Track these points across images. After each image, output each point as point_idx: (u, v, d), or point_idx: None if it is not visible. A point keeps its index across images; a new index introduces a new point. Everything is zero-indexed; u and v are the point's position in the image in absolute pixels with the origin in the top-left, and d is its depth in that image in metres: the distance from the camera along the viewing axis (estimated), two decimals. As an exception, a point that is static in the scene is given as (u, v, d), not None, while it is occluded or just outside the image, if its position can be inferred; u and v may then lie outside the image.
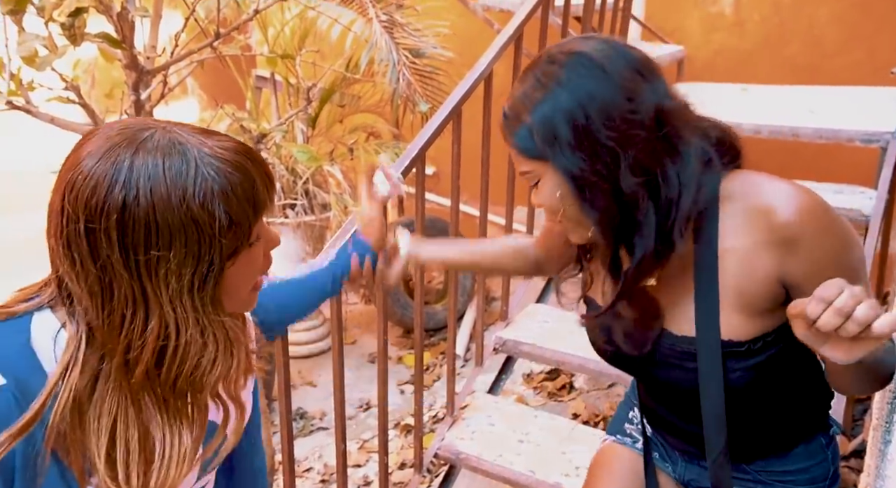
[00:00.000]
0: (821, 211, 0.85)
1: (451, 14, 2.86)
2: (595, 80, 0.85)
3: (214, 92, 3.32)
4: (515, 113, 0.89)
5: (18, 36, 1.37)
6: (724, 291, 0.89)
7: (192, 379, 0.71)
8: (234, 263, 0.72)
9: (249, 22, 1.77)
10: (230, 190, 0.68)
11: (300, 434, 2.86)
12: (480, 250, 1.32)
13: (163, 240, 0.66)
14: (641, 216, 0.86)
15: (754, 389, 0.93)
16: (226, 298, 0.73)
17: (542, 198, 0.91)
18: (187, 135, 0.69)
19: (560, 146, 0.85)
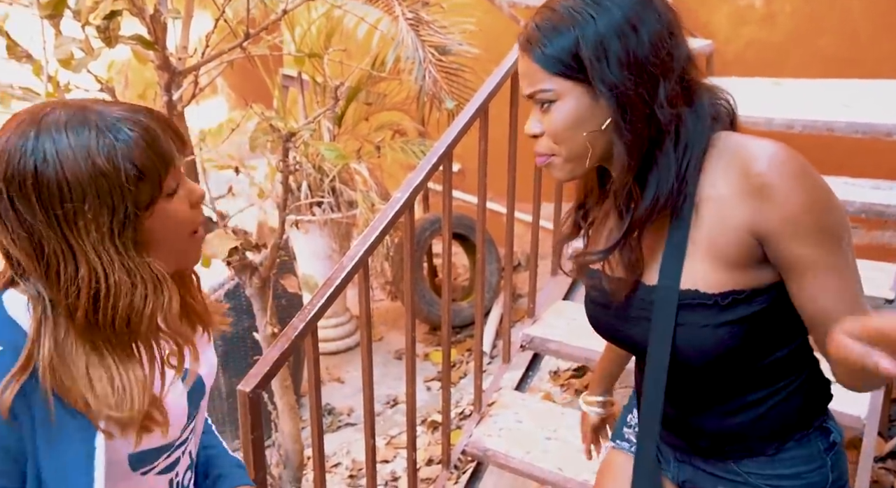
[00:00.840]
0: (798, 166, 0.85)
1: (476, 10, 2.85)
2: (645, 6, 0.87)
3: (243, 91, 3.36)
4: (554, 25, 0.88)
5: (55, 39, 1.40)
6: (698, 240, 0.90)
7: (129, 317, 0.79)
8: (153, 213, 0.79)
9: (277, 22, 1.79)
10: (133, 143, 0.76)
11: (328, 430, 2.89)
12: (618, 352, 1.27)
13: (76, 194, 0.74)
14: (661, 153, 0.88)
15: (727, 355, 0.90)
16: (158, 248, 0.81)
17: (553, 121, 0.89)
18: (88, 104, 0.78)
19: (609, 62, 0.85)
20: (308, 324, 1.38)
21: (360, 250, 1.50)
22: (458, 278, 3.97)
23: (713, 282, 0.89)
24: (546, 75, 0.88)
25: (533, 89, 0.90)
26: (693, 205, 0.89)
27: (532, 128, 0.93)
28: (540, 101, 0.90)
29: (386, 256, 3.10)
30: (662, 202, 0.89)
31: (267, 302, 2.01)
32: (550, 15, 0.89)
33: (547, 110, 0.90)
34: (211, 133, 2.94)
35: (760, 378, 0.96)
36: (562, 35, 0.87)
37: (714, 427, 1.00)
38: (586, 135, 0.89)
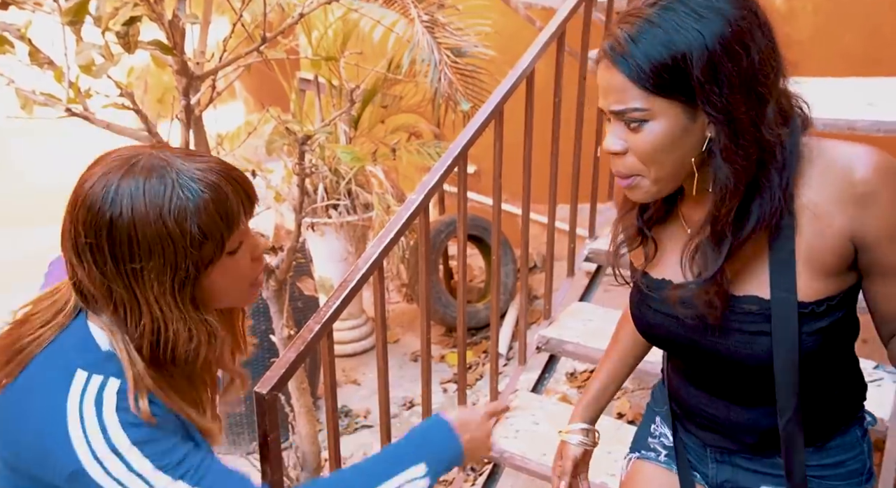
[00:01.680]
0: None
1: (492, 12, 2.85)
2: (749, 18, 0.81)
3: (260, 95, 3.39)
4: (654, 37, 0.80)
5: (76, 45, 1.42)
6: (797, 249, 0.87)
7: (188, 360, 0.86)
8: (214, 269, 0.84)
9: (294, 26, 1.80)
10: (202, 207, 0.80)
11: (345, 432, 2.89)
12: (618, 369, 1.23)
13: (143, 252, 0.80)
14: (764, 177, 0.84)
15: (810, 359, 0.90)
16: (217, 298, 0.87)
17: (645, 141, 0.83)
18: (171, 157, 0.82)
19: (720, 84, 0.79)
20: (324, 325, 1.39)
21: (375, 252, 1.51)
22: (473, 280, 3.97)
23: (810, 291, 0.88)
24: (641, 92, 0.81)
25: (623, 107, 0.83)
26: (795, 215, 0.86)
27: (613, 146, 0.86)
28: (628, 119, 0.84)
29: (402, 258, 3.10)
30: (765, 224, 0.86)
31: (283, 304, 2.02)
32: (646, 26, 0.81)
33: (637, 129, 0.83)
34: (229, 137, 2.97)
35: (823, 375, 0.95)
36: (664, 49, 0.79)
37: (767, 424, 0.98)
38: (680, 156, 0.84)
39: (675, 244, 0.97)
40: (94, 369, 0.82)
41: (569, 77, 2.01)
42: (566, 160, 2.09)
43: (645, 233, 0.99)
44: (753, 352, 0.91)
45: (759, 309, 0.90)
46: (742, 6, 0.82)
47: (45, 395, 0.81)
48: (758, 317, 0.90)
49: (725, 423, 1.02)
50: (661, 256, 0.98)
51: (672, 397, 1.12)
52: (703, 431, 1.07)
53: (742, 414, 1.00)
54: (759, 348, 0.90)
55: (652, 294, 0.99)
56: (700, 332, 0.95)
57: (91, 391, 0.81)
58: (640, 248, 1.01)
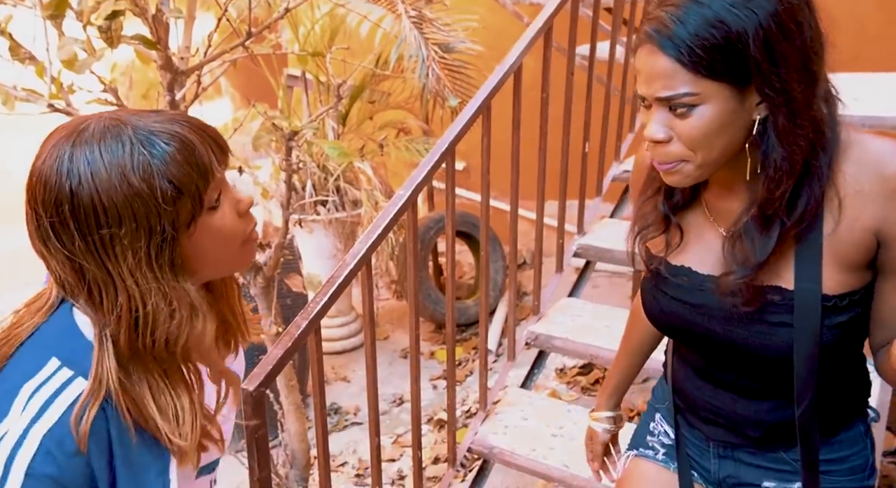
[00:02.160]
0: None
1: (480, 8, 2.85)
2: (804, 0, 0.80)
3: (247, 91, 3.37)
4: (704, 18, 0.76)
5: (58, 40, 1.40)
6: (823, 241, 0.86)
7: (167, 344, 0.76)
8: (196, 229, 0.75)
9: (280, 21, 1.79)
10: (169, 160, 0.72)
11: (335, 429, 2.89)
12: (633, 361, 1.25)
13: (112, 219, 0.71)
14: (814, 158, 0.82)
15: (827, 352, 0.89)
16: (204, 262, 0.78)
17: (694, 126, 0.80)
18: (124, 117, 0.74)
19: (778, 64, 0.77)
20: (311, 321, 1.38)
21: (363, 248, 1.50)
22: (463, 276, 3.97)
23: (833, 283, 0.86)
24: (691, 77, 0.78)
25: (671, 93, 0.79)
26: (821, 204, 0.85)
27: (657, 134, 0.82)
28: (675, 105, 0.80)
29: (391, 255, 3.09)
30: (814, 207, 0.83)
31: (271, 301, 2.01)
32: (693, 6, 0.77)
33: (684, 115, 0.80)
34: (215, 133, 2.94)
35: (836, 369, 0.94)
36: (715, 30, 0.76)
37: (773, 418, 0.98)
38: (728, 140, 0.81)
39: (699, 232, 0.95)
40: (67, 361, 0.75)
41: (556, 72, 2.01)
42: (554, 156, 2.09)
43: (670, 219, 0.96)
44: (771, 343, 0.90)
45: (781, 299, 0.88)
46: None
47: (12, 377, 0.75)
48: (779, 307, 0.88)
49: (731, 416, 1.01)
50: (684, 244, 0.96)
51: (675, 391, 1.11)
52: (706, 425, 1.06)
53: (749, 406, 0.99)
54: (777, 339, 0.89)
55: (673, 280, 0.97)
56: (718, 321, 0.93)
57: (52, 385, 0.73)
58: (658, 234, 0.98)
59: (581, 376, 2.94)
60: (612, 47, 2.31)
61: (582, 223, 2.34)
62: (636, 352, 1.24)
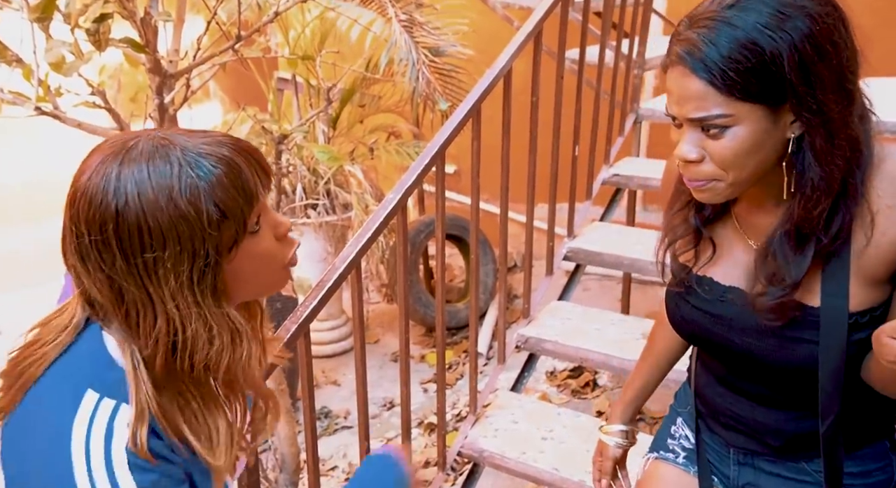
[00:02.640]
0: None
1: (470, 12, 2.86)
2: (835, 14, 0.79)
3: (237, 95, 3.36)
4: (736, 40, 0.75)
5: (46, 43, 1.40)
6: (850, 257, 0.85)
7: (207, 369, 0.75)
8: (238, 253, 0.75)
9: (270, 24, 1.79)
10: (216, 183, 0.71)
11: (325, 433, 2.88)
12: (655, 371, 1.22)
13: (156, 241, 0.70)
14: (851, 178, 0.81)
15: (850, 367, 0.88)
16: (245, 286, 0.77)
17: (727, 147, 0.79)
18: (172, 137, 0.73)
19: (815, 85, 0.76)
20: (300, 325, 1.38)
21: (352, 251, 1.50)
22: (454, 280, 3.97)
23: (857, 300, 0.86)
24: (724, 99, 0.77)
25: (704, 114, 0.79)
26: (851, 221, 0.84)
27: (690, 155, 0.82)
28: (708, 126, 0.80)
29: (381, 258, 3.09)
30: (849, 225, 0.83)
31: (261, 305, 2.00)
32: (726, 28, 0.76)
33: (717, 136, 0.80)
34: (205, 136, 2.93)
35: (857, 387, 0.93)
36: (749, 52, 0.75)
37: (794, 428, 0.97)
38: (762, 160, 0.81)
39: (728, 245, 0.95)
40: (106, 391, 0.73)
41: (546, 76, 2.02)
42: (544, 160, 2.09)
43: (701, 233, 0.96)
44: (791, 358, 0.89)
45: (802, 315, 0.88)
46: (825, 1, 0.79)
47: (52, 415, 0.73)
48: (800, 323, 0.88)
49: (751, 424, 1.01)
50: (721, 258, 0.96)
51: (698, 395, 1.11)
52: (727, 431, 1.05)
53: (769, 415, 0.99)
54: (797, 354, 0.89)
55: (697, 291, 0.97)
56: (736, 333, 0.93)
57: (101, 418, 0.72)
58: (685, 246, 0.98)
59: (571, 379, 2.95)
60: (602, 51, 2.32)
61: (572, 226, 2.35)
62: (659, 362, 1.21)
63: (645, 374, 1.22)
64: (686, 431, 1.16)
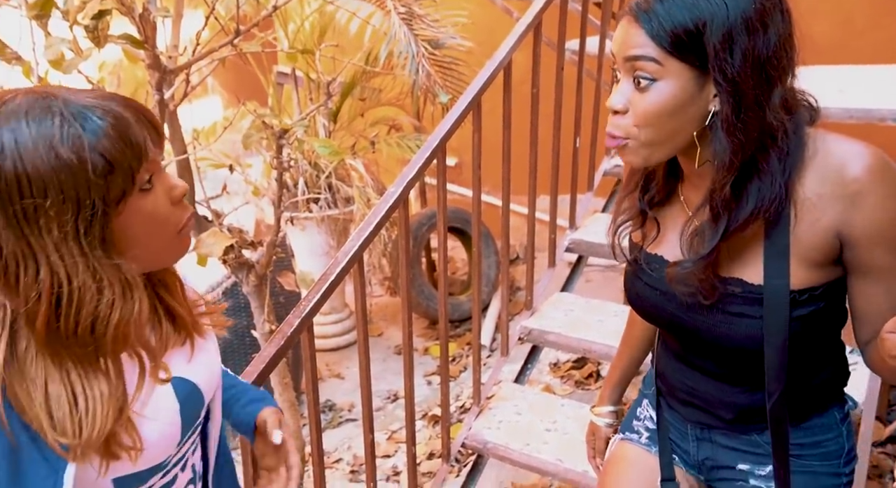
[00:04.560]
0: (890, 173, 0.86)
1: (469, 3, 2.84)
2: (778, 4, 0.84)
3: (236, 89, 3.35)
4: (679, 0, 0.82)
5: (45, 40, 1.39)
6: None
7: (94, 325, 0.72)
8: (125, 209, 0.73)
9: (269, 18, 1.78)
10: (101, 134, 0.70)
11: (329, 426, 2.89)
12: (634, 353, 1.28)
13: (36, 189, 0.68)
14: (764, 162, 0.86)
15: (794, 343, 0.92)
16: (134, 248, 0.75)
17: (650, 101, 0.84)
18: (54, 90, 0.72)
19: (734, 54, 0.81)
20: (304, 319, 1.38)
21: (354, 245, 1.50)
22: (456, 272, 3.98)
23: (796, 280, 0.90)
24: (658, 49, 0.83)
25: (636, 52, 0.84)
26: (791, 206, 0.88)
27: (616, 103, 0.87)
28: (639, 75, 0.85)
29: (383, 252, 3.10)
30: (763, 211, 0.87)
31: (264, 299, 2.01)
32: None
33: (644, 88, 0.85)
34: (205, 132, 2.93)
35: (803, 359, 0.97)
36: (686, 11, 0.82)
37: (744, 401, 1.01)
38: (678, 124, 0.86)
39: (674, 224, 0.99)
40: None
41: (546, 67, 2.01)
42: (546, 151, 2.09)
43: (646, 213, 1.01)
44: (733, 333, 0.94)
45: (742, 291, 0.92)
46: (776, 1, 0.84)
47: None
48: (739, 299, 0.92)
49: (705, 398, 1.05)
50: (660, 235, 1.01)
51: (658, 374, 1.15)
52: (684, 407, 1.10)
53: (720, 389, 1.03)
54: (738, 329, 0.93)
55: (646, 269, 1.02)
56: (684, 309, 0.97)
57: None
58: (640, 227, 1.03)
59: (575, 370, 2.96)
60: (602, 41, 2.32)
61: (574, 218, 2.34)
62: (637, 344, 1.27)
63: (626, 356, 1.28)
64: (650, 412, 1.19)
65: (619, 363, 1.29)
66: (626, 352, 1.28)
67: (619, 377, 1.29)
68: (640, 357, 1.28)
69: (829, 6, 2.80)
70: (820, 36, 2.53)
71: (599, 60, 2.33)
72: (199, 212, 1.95)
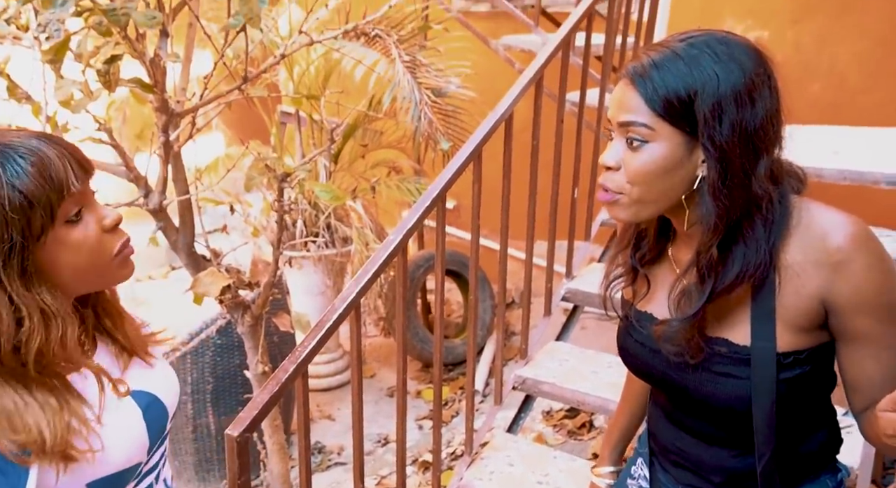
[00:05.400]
0: (873, 242, 0.89)
1: (472, 54, 2.91)
2: (767, 81, 0.88)
3: (239, 127, 3.40)
4: (675, 67, 0.86)
5: (56, 81, 1.42)
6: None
7: (17, 351, 0.77)
8: (49, 240, 0.78)
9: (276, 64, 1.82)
10: (20, 172, 0.75)
11: (318, 469, 2.85)
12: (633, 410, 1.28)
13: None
14: (749, 228, 0.89)
15: (782, 405, 0.94)
16: (65, 273, 0.80)
17: (641, 161, 0.88)
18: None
19: (721, 123, 0.85)
20: (298, 366, 1.38)
21: (352, 292, 1.51)
22: (451, 315, 3.96)
23: (781, 343, 0.92)
24: (650, 113, 0.87)
25: (631, 118, 0.88)
26: (777, 272, 0.91)
27: (609, 160, 0.91)
28: (632, 137, 0.89)
29: (379, 293, 3.09)
30: (749, 276, 0.90)
31: (258, 340, 2.00)
32: (670, 56, 0.87)
33: (636, 148, 0.89)
34: (207, 169, 2.96)
35: (792, 423, 0.97)
36: (679, 80, 0.86)
37: (734, 465, 1.01)
38: (667, 185, 0.89)
39: (664, 283, 1.01)
40: None
41: (547, 116, 2.05)
42: (544, 199, 2.11)
43: (637, 271, 1.04)
44: (719, 393, 0.95)
45: (727, 352, 0.94)
46: (760, 64, 0.88)
47: None
48: (725, 359, 0.94)
49: (695, 460, 1.05)
50: (650, 293, 1.04)
51: (650, 434, 1.15)
52: (675, 468, 1.10)
53: (710, 452, 1.03)
54: (724, 389, 0.95)
55: (636, 326, 1.04)
56: (672, 367, 0.99)
57: None
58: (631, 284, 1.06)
59: (567, 419, 2.93)
60: (602, 94, 2.36)
61: (571, 267, 2.36)
62: (635, 400, 1.26)
63: (626, 414, 1.28)
64: (644, 471, 1.19)
65: (618, 421, 1.28)
66: (626, 409, 1.28)
67: (619, 436, 1.28)
68: (639, 413, 1.27)
69: (822, 68, 2.87)
70: (814, 96, 2.60)
71: (599, 112, 2.38)
72: (197, 251, 1.95)
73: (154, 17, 1.34)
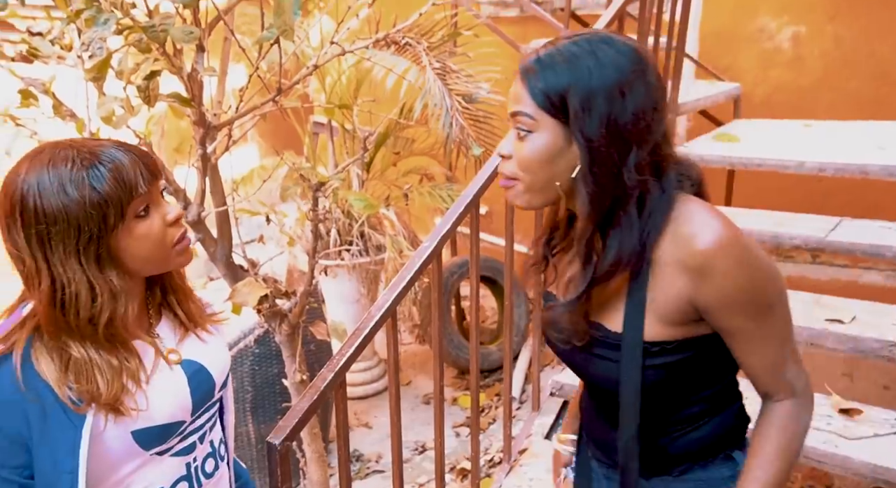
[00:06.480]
0: (738, 247, 0.92)
1: (502, 59, 2.90)
2: (641, 79, 0.92)
3: (273, 138, 3.45)
4: (554, 63, 0.93)
5: (98, 98, 1.46)
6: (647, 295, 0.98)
7: (92, 320, 0.95)
8: (121, 232, 0.95)
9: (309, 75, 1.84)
10: (100, 176, 0.93)
11: (356, 477, 2.86)
12: None
13: (48, 218, 0.92)
14: (624, 214, 0.94)
15: (650, 392, 1.00)
16: (132, 259, 0.98)
17: (526, 149, 0.95)
18: (76, 142, 0.96)
19: (591, 116, 0.91)
20: (337, 374, 1.39)
21: (388, 299, 1.51)
22: (486, 321, 3.95)
23: (649, 332, 0.98)
24: (533, 105, 0.94)
25: (517, 108, 0.95)
26: (650, 265, 0.96)
27: (502, 149, 0.99)
28: (519, 127, 0.95)
29: (414, 300, 3.10)
30: (624, 263, 0.95)
31: (296, 348, 2.01)
32: (554, 53, 0.94)
33: (523, 138, 0.95)
34: (243, 180, 3.00)
35: (684, 409, 1.04)
36: (557, 76, 0.92)
37: (647, 446, 1.05)
38: (551, 173, 0.95)
39: (572, 268, 1.07)
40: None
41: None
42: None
43: (548, 259, 1.12)
44: (595, 373, 1.04)
45: (602, 336, 1.01)
46: (637, 65, 0.93)
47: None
48: (601, 343, 1.01)
49: (599, 438, 1.14)
50: (558, 279, 1.11)
51: (582, 409, 1.23)
52: (591, 446, 1.18)
53: (604, 429, 1.10)
54: (597, 369, 1.03)
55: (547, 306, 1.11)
56: (567, 347, 1.06)
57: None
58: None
59: (606, 425, 2.89)
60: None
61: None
62: None
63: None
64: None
65: (579, 393, 1.33)
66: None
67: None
68: None
69: (863, 63, 2.80)
70: (855, 91, 2.53)
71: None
72: (235, 262, 1.98)
73: (191, 32, 1.36)
